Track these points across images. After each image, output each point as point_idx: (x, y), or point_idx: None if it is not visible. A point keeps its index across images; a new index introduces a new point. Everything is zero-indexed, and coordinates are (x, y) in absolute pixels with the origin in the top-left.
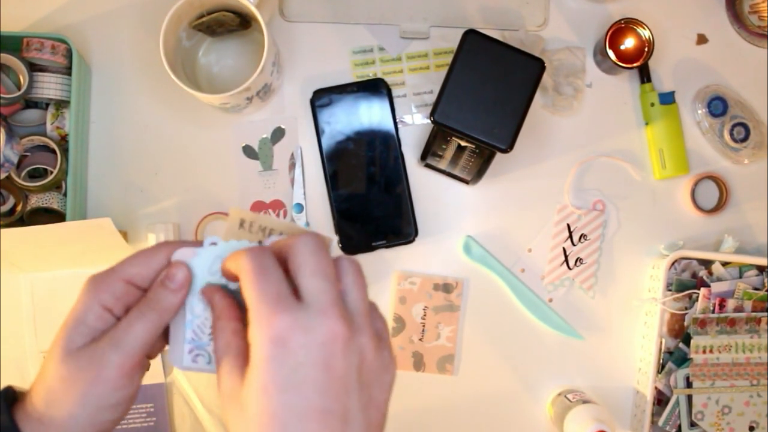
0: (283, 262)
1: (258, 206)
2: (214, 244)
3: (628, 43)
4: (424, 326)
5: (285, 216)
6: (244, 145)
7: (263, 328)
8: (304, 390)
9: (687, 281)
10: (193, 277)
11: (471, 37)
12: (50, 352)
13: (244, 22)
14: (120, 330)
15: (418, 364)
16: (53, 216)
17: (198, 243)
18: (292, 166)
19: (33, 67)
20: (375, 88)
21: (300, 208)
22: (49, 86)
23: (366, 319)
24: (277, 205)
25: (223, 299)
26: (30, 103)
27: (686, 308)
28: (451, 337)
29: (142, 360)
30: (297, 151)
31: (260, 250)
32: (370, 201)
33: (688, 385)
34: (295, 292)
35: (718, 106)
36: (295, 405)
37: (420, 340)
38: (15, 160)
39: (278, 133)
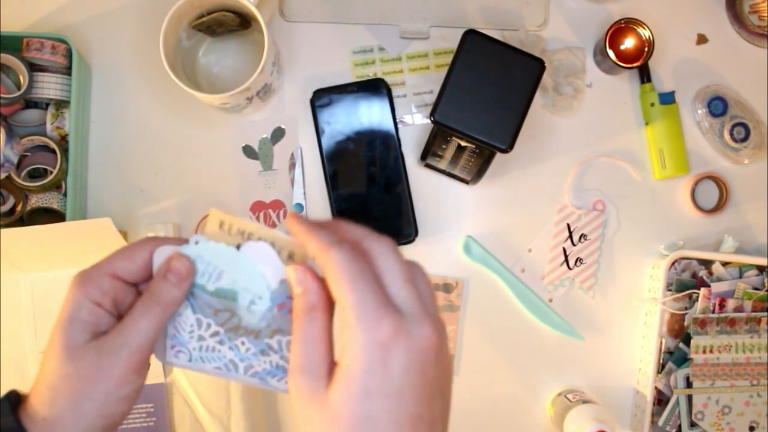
0: None
1: (258, 206)
2: (197, 243)
3: (628, 43)
4: None
5: (285, 216)
6: (244, 145)
7: (367, 333)
8: (405, 396)
9: (687, 281)
10: None
11: (471, 37)
12: (49, 350)
13: (244, 22)
14: (126, 326)
15: None
16: (53, 216)
17: (183, 240)
18: (292, 166)
19: (33, 67)
20: (375, 88)
21: (300, 208)
22: (49, 86)
23: (442, 324)
24: (277, 205)
25: (320, 289)
26: (30, 103)
27: (686, 308)
28: (451, 337)
29: (148, 354)
30: (297, 151)
31: (352, 252)
32: (370, 201)
33: (688, 385)
34: None
35: (718, 106)
36: (395, 410)
37: None
38: (15, 160)
39: (278, 133)
